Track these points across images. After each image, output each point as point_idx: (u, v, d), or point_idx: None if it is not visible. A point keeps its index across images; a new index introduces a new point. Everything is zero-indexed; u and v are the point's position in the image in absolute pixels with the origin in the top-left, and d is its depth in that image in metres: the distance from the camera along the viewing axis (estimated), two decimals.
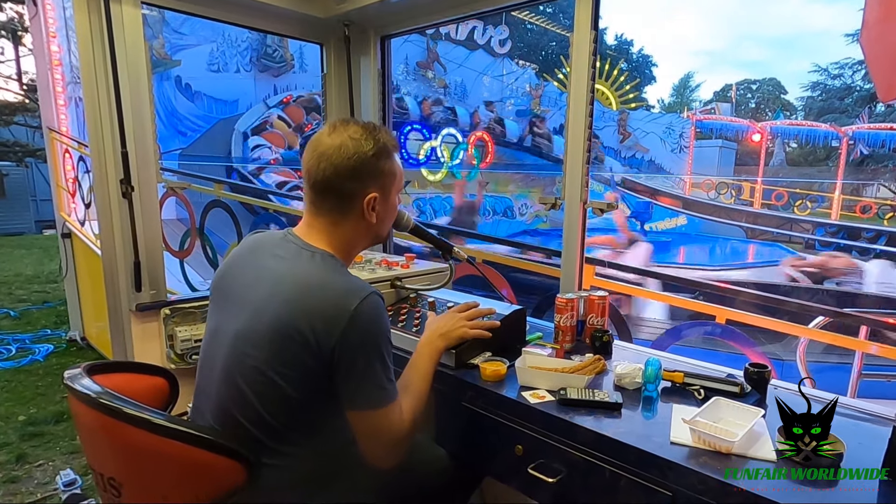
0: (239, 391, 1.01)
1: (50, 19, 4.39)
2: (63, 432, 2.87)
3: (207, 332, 1.13)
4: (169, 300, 1.90)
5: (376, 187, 1.09)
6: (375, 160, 1.07)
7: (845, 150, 16.52)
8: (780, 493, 0.85)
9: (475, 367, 1.32)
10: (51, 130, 4.42)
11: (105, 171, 1.72)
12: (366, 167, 1.06)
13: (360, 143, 1.05)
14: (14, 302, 5.80)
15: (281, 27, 2.17)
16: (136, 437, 0.92)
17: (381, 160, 1.08)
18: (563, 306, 1.51)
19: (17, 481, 2.44)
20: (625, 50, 27.59)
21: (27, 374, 3.71)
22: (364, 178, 1.07)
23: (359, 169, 1.05)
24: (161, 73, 9.85)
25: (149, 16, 8.50)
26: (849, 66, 23.31)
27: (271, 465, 1.01)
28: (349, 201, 1.07)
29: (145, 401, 1.04)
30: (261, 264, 1.08)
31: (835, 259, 10.21)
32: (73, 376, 0.98)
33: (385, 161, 1.09)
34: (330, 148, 1.05)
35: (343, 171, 1.04)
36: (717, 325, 3.12)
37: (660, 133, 17.39)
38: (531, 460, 1.15)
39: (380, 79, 2.30)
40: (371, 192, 1.08)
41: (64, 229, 4.26)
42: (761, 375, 1.23)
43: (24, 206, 13.15)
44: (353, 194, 1.07)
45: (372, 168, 1.07)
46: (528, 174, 15.40)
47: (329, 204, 1.08)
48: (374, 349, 1.00)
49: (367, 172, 1.07)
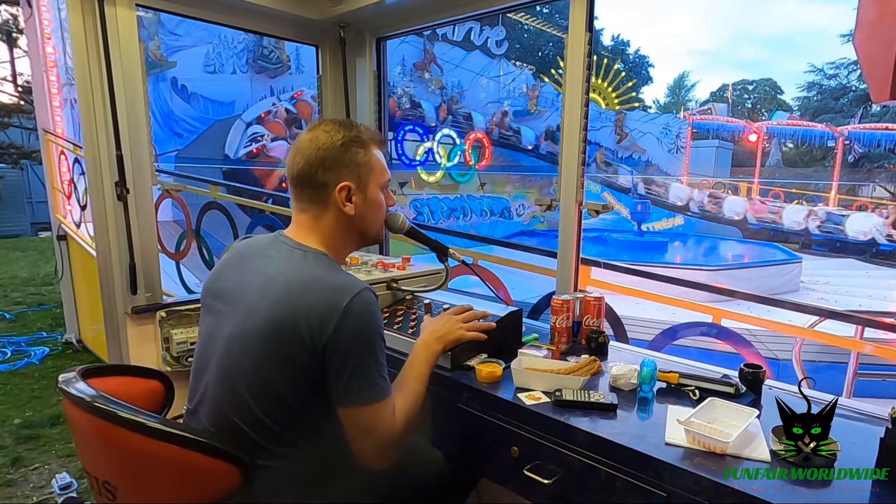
0: (234, 393, 1.00)
1: (45, 21, 4.37)
2: (59, 435, 2.86)
3: (201, 336, 1.13)
4: (165, 303, 1.90)
5: (350, 177, 1.09)
6: (344, 150, 1.08)
7: (841, 150, 16.60)
8: (774, 493, 0.85)
9: (471, 368, 1.33)
10: (46, 132, 4.40)
11: (100, 173, 1.72)
12: (335, 156, 1.08)
13: (330, 135, 1.08)
14: (9, 304, 5.77)
15: (276, 29, 2.17)
16: (130, 440, 0.91)
17: (352, 150, 1.09)
18: (559, 307, 1.52)
19: (13, 485, 2.43)
20: (621, 51, 27.68)
21: (23, 376, 3.69)
22: (335, 167, 1.08)
23: (328, 158, 1.07)
24: (157, 74, 9.84)
25: (144, 17, 8.48)
26: (844, 67, 23.42)
27: (267, 466, 1.00)
28: (323, 192, 1.09)
29: (140, 404, 1.04)
30: (252, 267, 1.09)
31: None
32: (67, 380, 0.98)
33: (357, 152, 1.10)
34: (304, 142, 1.09)
35: (314, 161, 1.07)
36: (714, 325, 3.13)
37: (656, 133, 17.44)
38: (527, 462, 1.15)
39: (375, 80, 2.31)
40: (343, 181, 1.09)
41: (59, 231, 4.25)
42: (756, 376, 1.24)
43: (20, 208, 13.11)
44: (325, 184, 1.08)
45: (341, 157, 1.08)
46: (525, 175, 15.43)
47: (307, 196, 1.10)
48: (366, 345, 0.99)
49: (338, 162, 1.08)
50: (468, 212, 13.93)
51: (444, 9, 1.99)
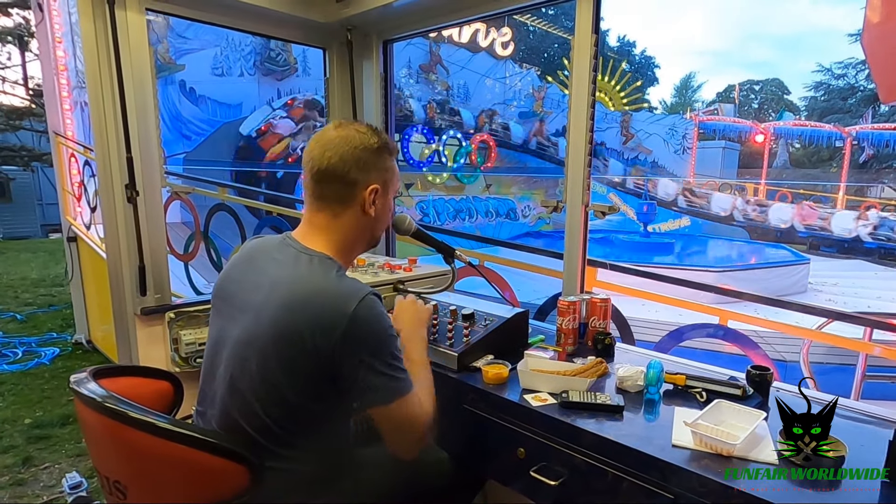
0: (241, 396, 1.01)
1: (56, 25, 4.42)
2: (69, 435, 2.89)
3: (210, 338, 1.14)
4: (173, 304, 1.91)
5: (379, 181, 1.12)
6: (379, 154, 1.10)
7: (849, 150, 16.46)
8: (780, 494, 0.85)
9: (477, 370, 1.33)
10: (57, 135, 4.45)
11: (110, 175, 1.74)
12: (371, 158, 1.09)
13: (366, 136, 1.09)
14: (20, 305, 5.83)
15: (284, 32, 2.19)
16: (141, 440, 0.92)
17: (384, 155, 1.12)
18: (565, 309, 1.52)
19: (24, 484, 2.45)
20: (627, 51, 27.61)
21: (33, 377, 3.73)
22: (369, 168, 1.09)
23: (364, 159, 1.08)
24: (166, 77, 9.92)
25: (153, 21, 8.55)
26: (852, 66, 23.23)
27: (274, 468, 1.01)
28: (351, 190, 1.09)
29: (150, 404, 1.05)
30: (260, 269, 1.09)
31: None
32: (79, 380, 0.99)
33: (388, 158, 1.13)
34: (336, 138, 1.08)
35: (349, 158, 1.07)
36: (721, 327, 3.11)
37: (663, 134, 17.38)
38: (533, 463, 1.16)
39: (382, 83, 2.32)
40: (373, 183, 1.10)
41: (70, 233, 4.29)
42: (763, 378, 1.23)
43: (31, 209, 13.24)
44: (357, 183, 1.09)
45: (376, 160, 1.10)
46: (531, 177, 15.40)
47: (331, 192, 1.09)
48: (380, 347, 1.01)
49: (372, 164, 1.10)
50: (474, 213, 13.93)
51: (450, 11, 1.99)
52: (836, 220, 13.63)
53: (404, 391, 1.03)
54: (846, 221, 13.48)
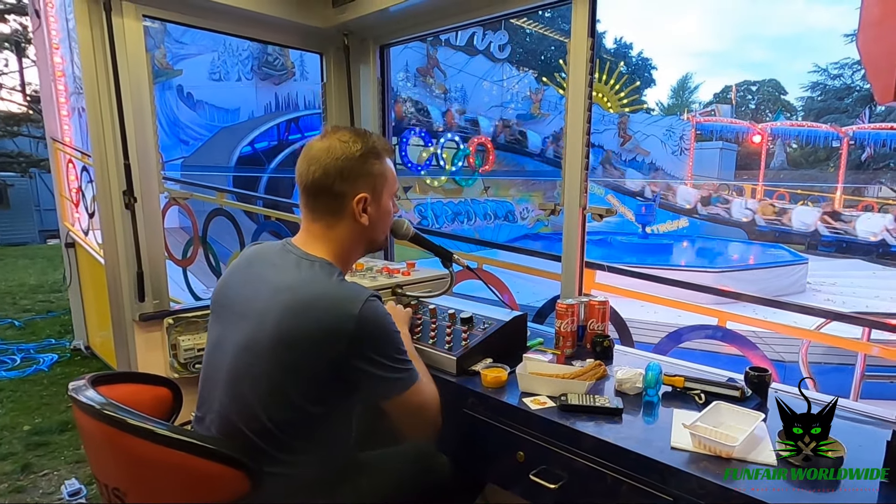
0: (243, 401, 1.01)
1: (53, 31, 4.42)
2: (68, 442, 2.88)
3: (209, 343, 1.14)
4: (172, 309, 1.91)
5: (366, 188, 1.11)
6: (363, 161, 1.10)
7: (846, 150, 16.51)
8: (780, 495, 0.85)
9: (476, 373, 1.33)
10: (54, 141, 4.44)
11: (108, 181, 1.74)
12: (354, 168, 1.09)
13: (347, 146, 1.09)
14: (18, 312, 5.82)
15: (281, 37, 2.19)
16: (139, 447, 0.92)
17: (369, 161, 1.11)
18: (564, 312, 1.52)
19: (23, 491, 2.44)
20: (624, 53, 27.67)
21: (32, 383, 3.72)
22: (353, 178, 1.09)
23: (347, 169, 1.08)
24: (163, 82, 9.92)
25: (150, 26, 8.56)
26: (848, 66, 23.31)
27: (274, 473, 1.01)
28: (340, 202, 1.09)
29: (149, 411, 1.05)
30: (260, 275, 1.10)
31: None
32: (77, 388, 0.99)
33: (374, 162, 1.12)
34: (319, 151, 1.08)
35: (332, 171, 1.07)
36: (719, 328, 3.11)
37: (660, 136, 17.41)
38: (533, 466, 1.16)
39: (379, 87, 2.32)
40: (360, 192, 1.10)
41: (67, 239, 4.28)
42: (762, 379, 1.23)
43: (28, 215, 13.22)
44: (343, 195, 1.09)
45: (360, 169, 1.09)
46: (529, 179, 15.42)
47: (322, 206, 1.10)
48: (387, 345, 1.04)
49: (356, 173, 1.09)
50: (472, 216, 13.93)
51: (447, 16, 2.00)
52: (859, 224, 13.57)
53: (415, 379, 1.10)
54: (872, 225, 13.39)
